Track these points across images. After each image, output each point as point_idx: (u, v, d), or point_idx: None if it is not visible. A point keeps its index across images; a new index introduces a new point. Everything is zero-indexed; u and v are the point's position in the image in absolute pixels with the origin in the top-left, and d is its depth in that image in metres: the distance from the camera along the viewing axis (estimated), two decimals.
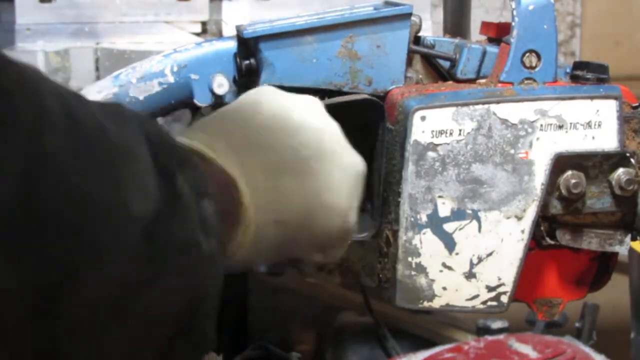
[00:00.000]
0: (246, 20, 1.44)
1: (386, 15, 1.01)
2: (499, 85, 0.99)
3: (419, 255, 0.97)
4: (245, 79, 1.04)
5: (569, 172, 0.97)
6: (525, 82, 0.99)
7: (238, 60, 1.03)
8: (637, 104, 1.00)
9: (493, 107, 0.95)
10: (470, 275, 0.98)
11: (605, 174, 0.98)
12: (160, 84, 1.05)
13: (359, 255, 1.04)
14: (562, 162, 0.96)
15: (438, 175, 0.95)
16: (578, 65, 1.02)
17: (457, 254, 0.97)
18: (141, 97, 1.05)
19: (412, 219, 0.96)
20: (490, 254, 0.97)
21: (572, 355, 1.53)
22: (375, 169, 0.98)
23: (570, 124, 0.96)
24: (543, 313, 1.04)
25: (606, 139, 0.97)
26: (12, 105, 0.55)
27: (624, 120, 0.97)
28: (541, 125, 0.95)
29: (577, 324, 1.85)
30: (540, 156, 0.96)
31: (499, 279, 0.98)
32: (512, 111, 0.95)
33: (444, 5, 1.72)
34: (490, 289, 0.98)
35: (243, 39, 1.02)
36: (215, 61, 1.05)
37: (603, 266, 1.04)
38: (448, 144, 0.95)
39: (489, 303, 0.99)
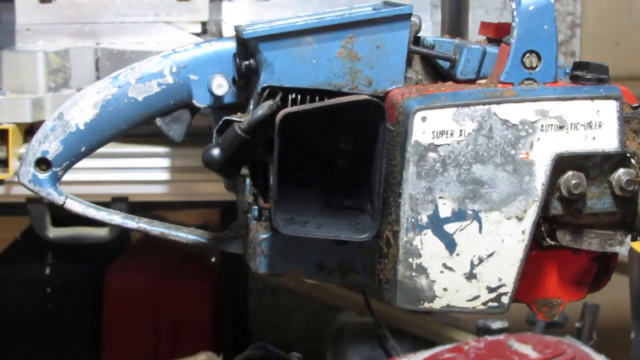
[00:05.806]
0: (246, 20, 1.44)
1: (386, 15, 1.01)
2: (499, 85, 0.99)
3: (419, 256, 0.97)
4: (245, 79, 1.04)
5: (570, 173, 0.97)
6: (526, 82, 0.99)
7: (237, 60, 1.03)
8: (637, 104, 0.99)
9: (494, 108, 0.95)
10: (470, 276, 0.98)
11: (606, 175, 0.98)
12: (159, 84, 1.05)
13: (359, 255, 1.04)
14: (562, 163, 0.96)
15: (439, 175, 0.95)
16: (578, 66, 1.01)
17: (457, 254, 0.97)
18: (140, 98, 1.05)
19: (413, 220, 0.96)
20: (490, 255, 0.97)
21: (572, 355, 1.53)
22: (376, 169, 0.98)
23: (571, 124, 0.96)
24: (543, 313, 1.04)
25: (606, 140, 0.96)
26: None
27: (625, 120, 0.97)
28: (542, 126, 0.95)
29: (577, 324, 1.85)
30: (540, 157, 0.96)
31: (500, 279, 0.98)
32: (513, 112, 0.95)
33: (442, 5, 1.72)
34: (490, 289, 0.98)
35: (242, 39, 1.02)
36: (215, 62, 1.05)
37: (603, 267, 1.04)
38: (449, 144, 0.95)
39: (490, 304, 0.99)
